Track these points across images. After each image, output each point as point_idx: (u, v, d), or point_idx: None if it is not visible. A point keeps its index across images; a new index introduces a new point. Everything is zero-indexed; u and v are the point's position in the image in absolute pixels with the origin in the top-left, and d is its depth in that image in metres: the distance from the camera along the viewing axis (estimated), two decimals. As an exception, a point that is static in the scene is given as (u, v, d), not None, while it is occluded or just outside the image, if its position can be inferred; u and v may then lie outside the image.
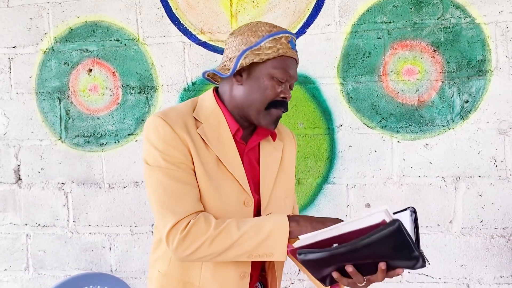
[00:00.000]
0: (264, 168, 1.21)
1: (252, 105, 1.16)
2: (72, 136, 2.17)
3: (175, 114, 1.14)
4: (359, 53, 1.94)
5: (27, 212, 2.22)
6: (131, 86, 2.11)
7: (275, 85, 1.15)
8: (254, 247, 1.05)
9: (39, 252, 2.22)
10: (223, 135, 1.16)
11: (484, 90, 1.87)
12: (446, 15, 1.88)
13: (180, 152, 1.10)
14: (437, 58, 1.90)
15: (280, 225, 1.05)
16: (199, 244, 1.05)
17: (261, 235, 1.04)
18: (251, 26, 1.17)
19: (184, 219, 1.06)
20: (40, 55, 2.18)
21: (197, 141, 1.12)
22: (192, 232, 1.05)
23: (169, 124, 1.11)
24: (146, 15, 2.09)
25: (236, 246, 1.05)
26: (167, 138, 1.10)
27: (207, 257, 1.07)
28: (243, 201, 1.14)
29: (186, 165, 1.10)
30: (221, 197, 1.12)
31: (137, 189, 2.12)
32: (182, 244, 1.06)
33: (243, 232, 1.05)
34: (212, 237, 1.05)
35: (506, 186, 1.87)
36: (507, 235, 1.88)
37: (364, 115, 1.95)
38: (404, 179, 1.93)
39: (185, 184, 1.09)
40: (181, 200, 1.08)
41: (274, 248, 1.04)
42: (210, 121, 1.16)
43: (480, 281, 1.90)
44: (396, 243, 0.90)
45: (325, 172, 1.98)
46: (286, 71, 1.15)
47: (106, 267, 2.17)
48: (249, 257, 1.06)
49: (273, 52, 1.13)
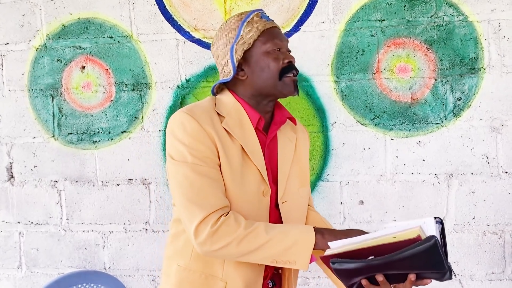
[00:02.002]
0: (281, 159, 1.25)
1: (267, 83, 1.20)
2: (65, 134, 2.16)
3: (200, 109, 1.17)
4: (352, 50, 1.95)
5: (20, 210, 2.21)
6: (124, 83, 2.10)
7: (274, 56, 1.20)
8: (279, 253, 1.07)
9: (32, 250, 2.21)
10: (245, 126, 1.20)
11: (476, 88, 1.88)
12: (439, 13, 1.89)
13: (207, 147, 1.12)
14: (430, 56, 1.91)
15: (306, 235, 1.08)
16: (227, 241, 1.07)
17: (288, 242, 1.07)
18: (222, 27, 1.24)
19: (213, 214, 1.08)
20: (33, 52, 2.17)
21: (222, 134, 1.15)
22: (223, 228, 1.07)
23: (196, 119, 1.13)
24: (140, 12, 2.08)
25: (262, 249, 1.07)
26: (194, 133, 1.12)
27: (232, 256, 1.10)
28: (262, 191, 1.18)
29: (212, 160, 1.13)
30: (243, 187, 1.15)
31: (131, 186, 2.12)
32: (211, 239, 1.07)
33: (271, 237, 1.07)
34: (241, 237, 1.07)
35: (498, 183, 1.88)
36: (499, 232, 1.90)
37: (358, 112, 1.96)
38: (397, 177, 1.94)
39: (211, 179, 1.11)
40: (208, 195, 1.10)
41: (298, 256, 1.07)
42: (232, 114, 1.20)
43: (472, 277, 1.92)
44: (430, 258, 0.93)
45: (318, 170, 1.99)
46: (274, 40, 1.21)
47: (100, 265, 2.16)
48: (272, 262, 1.09)
49: (255, 33, 1.20)
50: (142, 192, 2.11)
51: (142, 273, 2.13)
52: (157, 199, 2.10)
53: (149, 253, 2.12)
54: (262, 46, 1.20)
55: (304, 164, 1.33)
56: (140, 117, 2.10)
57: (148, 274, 2.13)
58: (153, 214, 2.11)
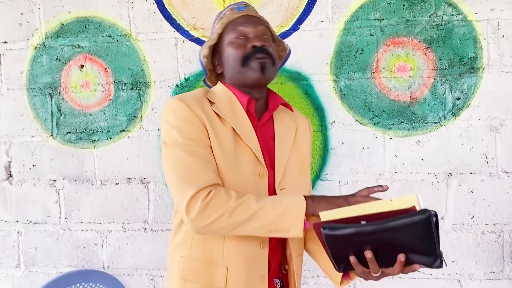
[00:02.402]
0: (279, 144, 1.26)
1: (233, 72, 1.25)
2: (63, 133, 2.15)
3: (190, 96, 1.22)
4: (352, 50, 1.95)
5: (18, 209, 2.21)
6: (123, 82, 2.10)
7: (237, 44, 1.23)
8: (271, 221, 1.07)
9: (31, 249, 2.21)
10: (236, 109, 1.23)
11: (475, 87, 1.88)
12: (439, 12, 1.89)
13: (197, 128, 1.15)
14: (429, 55, 1.90)
15: (297, 201, 1.08)
16: (219, 214, 1.07)
17: (279, 210, 1.07)
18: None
19: (204, 190, 1.09)
20: (31, 51, 2.16)
21: (212, 117, 1.18)
22: (213, 202, 1.08)
23: (186, 103, 1.17)
24: (139, 10, 2.08)
25: (254, 218, 1.07)
26: (184, 115, 1.16)
27: (225, 228, 1.09)
28: (259, 173, 1.18)
29: (203, 140, 1.15)
30: (238, 168, 1.16)
31: (129, 185, 2.11)
32: (202, 214, 1.08)
33: (261, 205, 1.07)
34: (232, 208, 1.07)
35: (497, 183, 1.89)
36: (498, 231, 1.90)
37: (357, 112, 1.96)
38: (396, 176, 1.94)
39: (202, 158, 1.13)
40: (199, 173, 1.11)
41: (291, 223, 1.06)
42: (222, 100, 1.24)
43: (471, 276, 1.92)
44: (423, 234, 0.90)
45: (317, 169, 1.99)
46: (238, 28, 1.24)
47: (98, 264, 2.16)
48: (267, 232, 1.08)
49: (219, 27, 1.27)
50: (141, 191, 2.11)
51: (140, 272, 2.13)
52: (156, 198, 2.10)
53: (148, 252, 2.12)
54: (226, 37, 1.25)
55: (304, 153, 1.32)
56: (139, 116, 2.10)
57: (147, 273, 2.13)
58: (151, 213, 2.11)
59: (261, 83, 1.24)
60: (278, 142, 1.26)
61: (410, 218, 0.90)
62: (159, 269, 2.11)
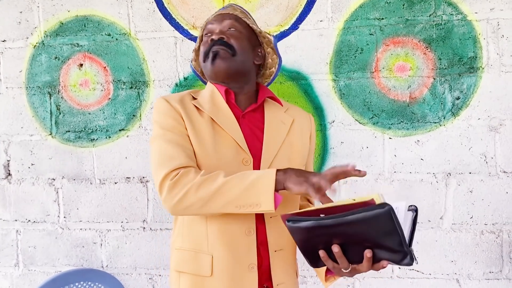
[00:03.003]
0: (268, 136, 1.26)
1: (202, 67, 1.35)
2: (62, 131, 2.15)
3: (174, 94, 1.31)
4: (351, 49, 1.94)
5: (17, 207, 2.20)
6: (122, 81, 2.10)
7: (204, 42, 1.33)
8: (239, 195, 1.05)
9: (29, 248, 2.21)
10: (216, 102, 1.28)
11: (475, 87, 1.88)
12: (438, 12, 1.89)
13: (173, 118, 1.22)
14: (429, 54, 1.90)
15: (266, 173, 1.06)
16: (186, 189, 1.09)
17: (246, 182, 1.05)
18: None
19: (175, 171, 1.13)
20: (30, 49, 2.16)
21: (190, 109, 1.25)
22: (180, 180, 1.10)
23: (166, 99, 1.27)
24: (138, 9, 2.07)
25: (221, 193, 1.06)
26: (163, 110, 1.24)
27: (195, 204, 1.09)
28: (242, 159, 1.19)
29: (179, 129, 1.21)
30: (218, 155, 1.18)
31: (128, 185, 2.11)
32: (171, 192, 1.10)
33: (228, 179, 1.07)
34: (198, 183, 1.08)
35: (496, 183, 1.88)
36: (497, 231, 1.90)
37: (356, 111, 1.96)
38: (395, 175, 1.94)
39: (177, 144, 1.18)
40: (172, 157, 1.15)
41: (260, 196, 1.04)
42: (204, 95, 1.31)
43: (470, 276, 1.92)
44: (383, 228, 0.90)
45: (317, 168, 1.99)
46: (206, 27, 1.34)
47: (97, 263, 2.16)
48: (237, 207, 1.06)
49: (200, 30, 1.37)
50: (140, 190, 2.10)
51: (139, 271, 2.13)
52: (155, 198, 2.09)
53: (147, 251, 2.12)
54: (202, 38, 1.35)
55: (298, 147, 1.31)
56: (138, 115, 2.09)
57: (146, 272, 2.12)
58: (150, 212, 2.10)
59: (219, 73, 1.28)
60: (267, 134, 1.26)
61: (367, 212, 0.89)
62: (158, 268, 2.11)
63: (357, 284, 1.99)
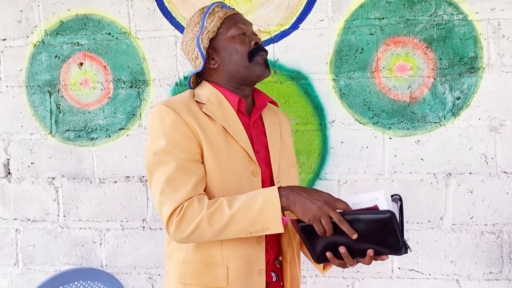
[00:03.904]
0: (271, 141, 1.28)
1: (238, 66, 1.24)
2: (62, 130, 2.15)
3: (178, 100, 1.21)
4: (351, 49, 1.94)
5: (17, 206, 2.20)
6: (122, 80, 2.10)
7: (240, 40, 1.24)
8: (249, 224, 1.09)
9: (29, 247, 2.21)
10: (226, 109, 1.23)
11: (475, 87, 1.88)
12: (439, 11, 1.88)
13: (185, 135, 1.15)
14: (429, 54, 1.90)
15: (271, 201, 1.09)
16: (195, 224, 1.09)
17: (253, 212, 1.08)
18: (187, 24, 1.30)
19: (179, 206, 1.11)
20: (31, 48, 2.16)
21: (203, 120, 1.18)
22: (187, 213, 1.10)
23: (174, 109, 1.16)
24: (138, 8, 2.07)
25: (231, 225, 1.09)
26: (172, 122, 1.15)
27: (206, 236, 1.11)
28: (252, 171, 1.20)
29: (190, 149, 1.15)
30: (231, 168, 1.17)
31: (128, 184, 2.11)
32: (179, 227, 1.10)
33: (234, 211, 1.08)
34: (207, 218, 1.09)
35: (496, 183, 1.88)
36: (497, 232, 1.89)
37: (356, 111, 1.95)
38: (395, 175, 1.94)
39: (186, 172, 1.13)
40: (178, 189, 1.12)
41: (269, 223, 1.09)
42: (212, 100, 1.23)
43: (470, 277, 1.91)
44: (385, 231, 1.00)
45: (317, 168, 1.98)
46: (237, 25, 1.26)
47: (97, 262, 2.16)
48: (247, 234, 1.10)
49: (217, 21, 1.24)
50: (140, 189, 2.10)
51: (139, 270, 2.13)
52: (155, 197, 2.09)
53: (146, 250, 2.12)
54: (226, 32, 1.25)
55: (289, 145, 1.37)
56: (138, 114, 2.09)
57: (145, 271, 2.12)
58: (150, 211, 2.10)
59: (264, 77, 1.27)
60: (270, 140, 1.28)
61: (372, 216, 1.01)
62: (157, 268, 2.11)
63: (357, 284, 1.98)
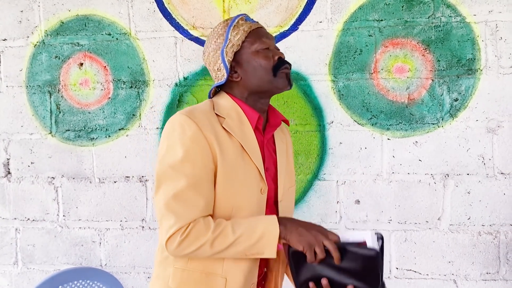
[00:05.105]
0: (280, 159, 1.30)
1: (262, 81, 1.23)
2: (62, 130, 2.16)
3: (199, 112, 1.18)
4: (350, 50, 1.95)
5: (17, 206, 2.21)
6: (122, 80, 2.10)
7: (264, 54, 1.23)
8: (247, 248, 1.14)
9: (29, 247, 2.21)
10: (244, 126, 1.23)
11: (473, 89, 1.89)
12: (437, 13, 1.90)
13: (203, 151, 1.14)
14: (427, 56, 1.91)
15: (271, 228, 1.14)
16: (198, 245, 1.12)
17: (254, 238, 1.13)
18: (210, 35, 1.28)
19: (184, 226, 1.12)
20: (31, 48, 2.16)
21: (221, 135, 1.18)
22: (191, 234, 1.12)
23: (196, 123, 1.14)
24: (138, 9, 2.08)
25: (230, 248, 1.13)
26: (193, 136, 1.14)
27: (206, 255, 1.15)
28: (260, 188, 1.22)
29: (206, 166, 1.15)
30: (242, 185, 1.19)
31: (128, 184, 2.12)
32: (180, 245, 1.12)
33: (238, 236, 1.13)
34: (211, 241, 1.12)
35: (493, 184, 1.89)
36: (494, 232, 1.91)
37: (355, 112, 1.96)
38: (393, 176, 1.95)
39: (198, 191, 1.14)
40: (188, 208, 1.13)
41: (265, 248, 1.14)
42: (232, 115, 1.23)
43: (467, 277, 1.93)
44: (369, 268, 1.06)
45: (315, 169, 1.99)
46: (262, 39, 1.25)
47: (96, 262, 2.17)
48: (243, 256, 1.16)
49: (242, 34, 1.23)
50: (139, 189, 2.11)
51: (138, 270, 2.14)
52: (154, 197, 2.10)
53: (146, 250, 2.12)
54: (251, 46, 1.23)
55: (292, 165, 1.40)
56: (137, 114, 2.10)
57: (144, 271, 2.13)
58: (149, 211, 2.11)
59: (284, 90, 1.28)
60: (279, 156, 1.30)
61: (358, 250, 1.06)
62: (157, 267, 2.11)
63: (355, 284, 1.99)
